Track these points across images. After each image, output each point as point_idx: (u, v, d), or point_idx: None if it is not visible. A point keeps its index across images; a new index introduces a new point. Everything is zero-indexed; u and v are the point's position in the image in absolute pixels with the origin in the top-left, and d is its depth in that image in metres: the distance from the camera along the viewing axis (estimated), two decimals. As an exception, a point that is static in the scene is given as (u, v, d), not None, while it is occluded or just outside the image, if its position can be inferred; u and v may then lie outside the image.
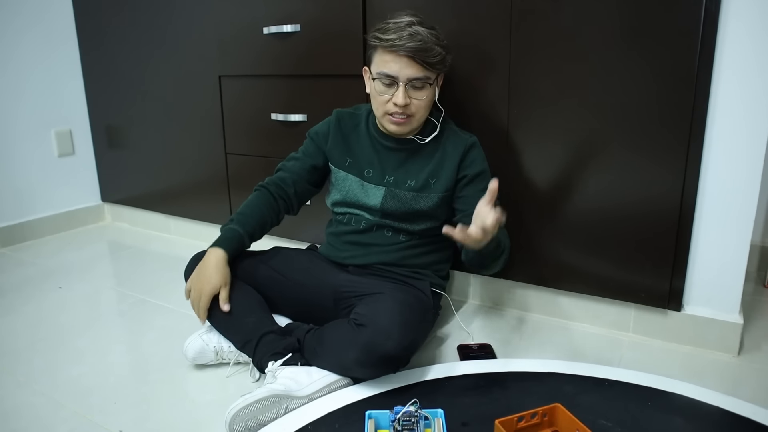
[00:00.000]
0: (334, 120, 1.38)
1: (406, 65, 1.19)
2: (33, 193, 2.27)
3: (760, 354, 1.33)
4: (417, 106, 1.24)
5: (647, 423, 1.02)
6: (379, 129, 1.34)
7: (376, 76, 1.23)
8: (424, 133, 1.33)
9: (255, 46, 1.79)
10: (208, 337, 1.28)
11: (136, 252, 2.12)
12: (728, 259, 1.29)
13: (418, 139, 1.32)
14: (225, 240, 1.29)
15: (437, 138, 1.32)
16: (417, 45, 1.17)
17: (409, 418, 0.92)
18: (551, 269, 1.46)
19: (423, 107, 1.25)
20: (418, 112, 1.25)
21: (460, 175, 1.31)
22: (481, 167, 1.31)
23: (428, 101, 1.26)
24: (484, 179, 1.29)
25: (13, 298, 1.70)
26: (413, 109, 1.24)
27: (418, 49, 1.17)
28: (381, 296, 1.17)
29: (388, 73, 1.21)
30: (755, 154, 1.21)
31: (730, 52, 1.19)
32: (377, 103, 1.26)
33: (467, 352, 1.31)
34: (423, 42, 1.17)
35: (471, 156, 1.31)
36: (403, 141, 1.33)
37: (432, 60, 1.20)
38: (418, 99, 1.23)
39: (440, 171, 1.31)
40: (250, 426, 1.02)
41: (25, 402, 1.17)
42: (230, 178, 2.01)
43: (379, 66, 1.22)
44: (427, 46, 1.18)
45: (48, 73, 2.26)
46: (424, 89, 1.23)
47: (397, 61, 1.19)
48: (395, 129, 1.27)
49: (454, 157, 1.30)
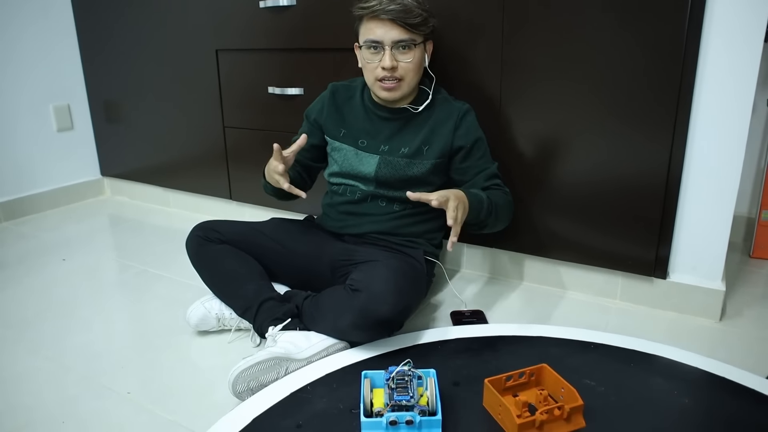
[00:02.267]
0: (329, 93, 1.42)
1: (389, 29, 1.24)
2: (33, 167, 2.30)
3: (741, 319, 1.39)
4: (405, 68, 1.27)
5: (630, 382, 1.07)
6: (374, 100, 1.37)
7: (363, 44, 1.28)
8: (417, 102, 1.36)
9: (251, 20, 1.80)
10: (210, 305, 1.32)
11: (136, 225, 2.16)
12: (712, 229, 1.33)
13: (411, 108, 1.35)
14: None
15: (430, 106, 1.36)
16: (397, 8, 1.22)
17: (402, 377, 0.97)
18: (542, 239, 1.50)
19: (411, 70, 1.28)
20: (406, 75, 1.28)
21: (456, 145, 1.34)
22: (476, 135, 1.35)
23: (416, 64, 1.29)
24: (481, 147, 1.34)
25: (17, 269, 1.74)
26: (401, 72, 1.27)
27: (399, 11, 1.22)
28: (376, 263, 1.22)
29: (373, 39, 1.25)
30: (740, 127, 1.24)
31: (717, 25, 1.21)
32: (367, 72, 1.30)
33: (460, 318, 1.36)
34: (402, 5, 1.22)
35: (465, 124, 1.34)
36: (397, 110, 1.36)
37: (413, 21, 1.24)
38: (404, 62, 1.27)
39: (433, 138, 1.34)
40: (252, 386, 1.07)
41: (36, 366, 1.22)
42: (228, 152, 2.03)
43: (364, 34, 1.27)
44: (407, 8, 1.23)
45: (46, 49, 2.27)
46: (410, 51, 1.27)
47: (380, 26, 1.24)
48: (386, 95, 1.30)
49: (447, 124, 1.34)
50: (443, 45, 1.46)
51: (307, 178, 1.47)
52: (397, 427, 0.91)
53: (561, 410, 0.93)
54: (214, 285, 1.33)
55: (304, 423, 0.97)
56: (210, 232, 1.36)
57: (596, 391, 1.04)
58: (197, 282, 1.36)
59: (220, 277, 1.32)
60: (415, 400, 0.93)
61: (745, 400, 1.02)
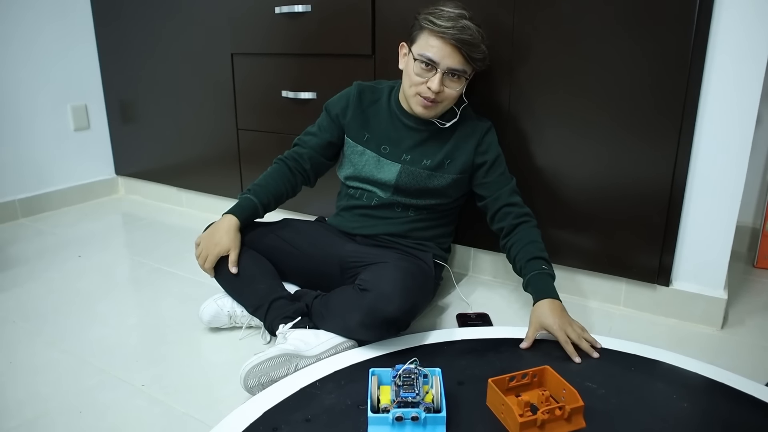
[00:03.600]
0: (355, 93, 1.42)
1: (449, 54, 1.23)
2: (51, 165, 2.35)
3: (742, 328, 1.41)
4: (448, 95, 1.28)
5: (630, 386, 1.09)
6: (401, 107, 1.39)
7: (418, 56, 1.26)
8: (445, 117, 1.37)
9: (267, 25, 1.84)
10: (222, 302, 1.36)
11: (149, 224, 2.21)
12: (715, 238, 1.36)
13: (439, 123, 1.37)
14: (239, 207, 1.37)
15: (457, 124, 1.38)
16: (466, 38, 1.22)
17: (409, 375, 1.00)
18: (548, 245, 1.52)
19: (452, 98, 1.30)
20: (446, 100, 1.30)
21: (478, 161, 1.38)
22: (497, 152, 1.39)
23: (459, 93, 1.31)
24: (502, 163, 1.39)
25: (35, 265, 1.79)
26: (443, 96, 1.28)
27: (466, 42, 1.22)
28: (385, 264, 1.25)
29: (431, 57, 1.24)
30: (744, 138, 1.27)
31: (723, 37, 1.23)
32: (411, 81, 1.29)
33: (465, 320, 1.40)
34: (472, 37, 1.22)
35: (486, 141, 1.38)
36: (424, 122, 1.37)
37: (475, 56, 1.25)
38: (450, 89, 1.28)
39: (456, 153, 1.37)
40: (263, 382, 1.10)
41: (54, 359, 1.27)
42: (241, 153, 2.07)
43: (423, 48, 1.25)
44: (475, 42, 1.23)
45: (64, 50, 2.32)
46: (459, 81, 1.28)
47: (442, 48, 1.23)
48: (421, 111, 1.31)
49: (470, 141, 1.37)
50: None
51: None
52: (403, 422, 0.94)
53: (562, 410, 0.95)
54: (226, 283, 1.37)
55: (313, 417, 1.00)
56: (223, 232, 1.39)
57: (597, 393, 1.06)
58: (209, 280, 1.40)
59: (232, 276, 1.36)
60: (421, 397, 0.96)
61: (744, 407, 1.04)
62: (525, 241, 1.33)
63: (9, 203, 2.22)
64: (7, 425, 1.05)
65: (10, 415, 1.08)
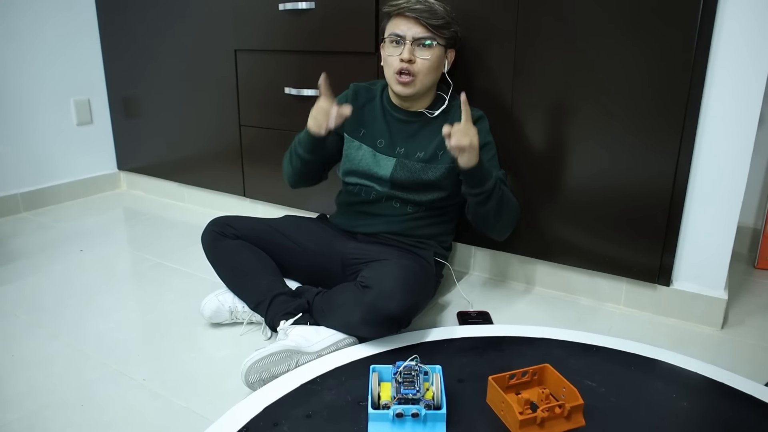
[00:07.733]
0: (351, 93, 1.47)
1: (411, 26, 1.31)
2: (53, 160, 2.35)
3: (742, 328, 1.41)
4: (420, 65, 1.32)
5: (630, 385, 1.10)
6: (392, 102, 1.42)
7: (387, 37, 1.34)
8: (434, 107, 1.40)
9: (270, 21, 1.85)
10: (224, 298, 1.37)
11: (151, 219, 2.21)
12: (716, 239, 1.36)
13: (427, 113, 1.40)
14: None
15: (446, 112, 1.40)
16: (422, 8, 1.30)
17: (409, 372, 1.00)
18: (549, 244, 1.53)
19: (426, 68, 1.33)
20: (421, 72, 1.32)
21: None
22: (485, 139, 1.38)
23: (432, 63, 1.33)
24: (489, 150, 1.38)
25: (38, 259, 1.79)
26: (417, 68, 1.32)
27: (423, 11, 1.29)
28: (386, 262, 1.25)
29: (396, 33, 1.32)
30: (746, 139, 1.27)
31: (726, 38, 1.23)
32: (387, 66, 1.35)
33: (466, 318, 1.40)
34: (429, 6, 1.30)
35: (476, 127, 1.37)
36: (413, 114, 1.40)
37: (435, 23, 1.30)
38: (421, 58, 1.31)
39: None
40: (264, 377, 1.11)
41: (57, 352, 1.27)
42: (244, 150, 2.08)
43: (389, 29, 1.34)
44: (433, 10, 1.30)
45: (68, 44, 2.33)
46: (428, 50, 1.32)
47: (405, 22, 1.31)
48: (401, 89, 1.34)
49: None
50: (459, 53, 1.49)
51: (324, 169, 1.50)
52: (403, 419, 0.94)
53: (562, 408, 0.96)
54: (227, 279, 1.37)
55: (313, 413, 1.01)
56: (225, 228, 1.40)
57: (597, 391, 1.07)
58: (211, 275, 1.40)
59: (233, 272, 1.36)
60: (421, 394, 0.97)
61: (744, 406, 1.04)
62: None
63: (11, 197, 2.22)
64: (8, 418, 1.05)
65: (12, 408, 1.08)
